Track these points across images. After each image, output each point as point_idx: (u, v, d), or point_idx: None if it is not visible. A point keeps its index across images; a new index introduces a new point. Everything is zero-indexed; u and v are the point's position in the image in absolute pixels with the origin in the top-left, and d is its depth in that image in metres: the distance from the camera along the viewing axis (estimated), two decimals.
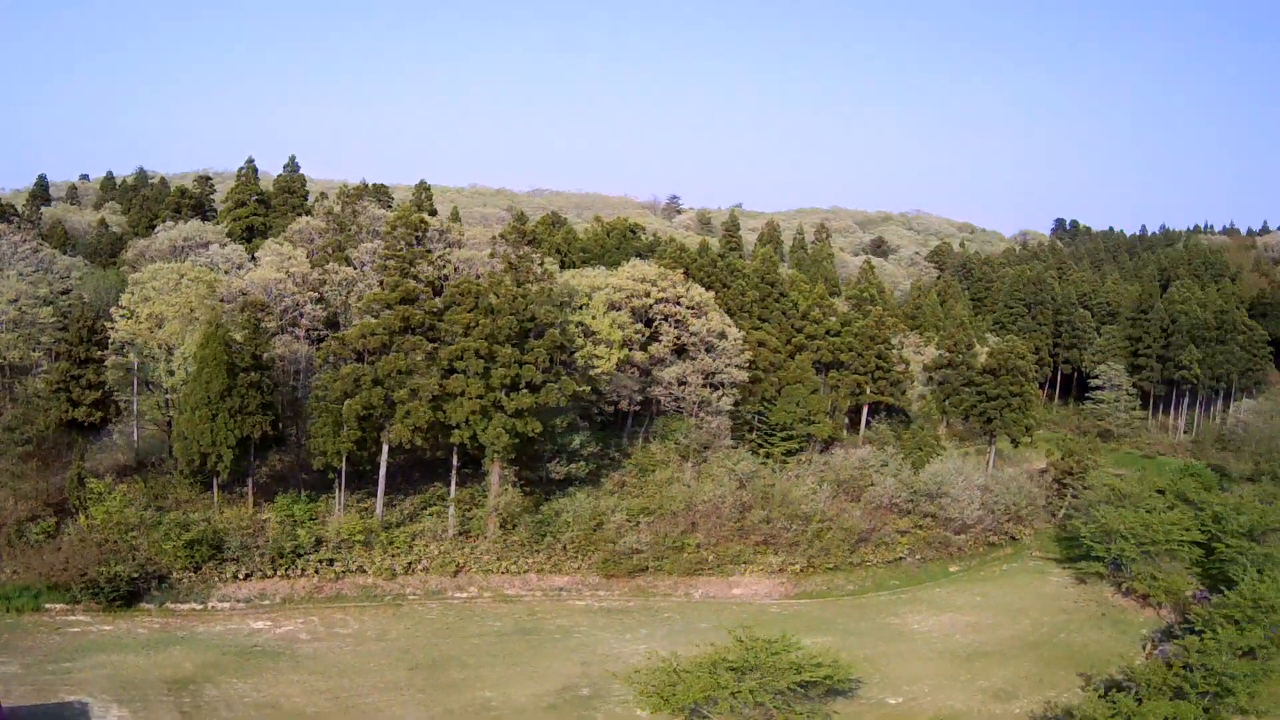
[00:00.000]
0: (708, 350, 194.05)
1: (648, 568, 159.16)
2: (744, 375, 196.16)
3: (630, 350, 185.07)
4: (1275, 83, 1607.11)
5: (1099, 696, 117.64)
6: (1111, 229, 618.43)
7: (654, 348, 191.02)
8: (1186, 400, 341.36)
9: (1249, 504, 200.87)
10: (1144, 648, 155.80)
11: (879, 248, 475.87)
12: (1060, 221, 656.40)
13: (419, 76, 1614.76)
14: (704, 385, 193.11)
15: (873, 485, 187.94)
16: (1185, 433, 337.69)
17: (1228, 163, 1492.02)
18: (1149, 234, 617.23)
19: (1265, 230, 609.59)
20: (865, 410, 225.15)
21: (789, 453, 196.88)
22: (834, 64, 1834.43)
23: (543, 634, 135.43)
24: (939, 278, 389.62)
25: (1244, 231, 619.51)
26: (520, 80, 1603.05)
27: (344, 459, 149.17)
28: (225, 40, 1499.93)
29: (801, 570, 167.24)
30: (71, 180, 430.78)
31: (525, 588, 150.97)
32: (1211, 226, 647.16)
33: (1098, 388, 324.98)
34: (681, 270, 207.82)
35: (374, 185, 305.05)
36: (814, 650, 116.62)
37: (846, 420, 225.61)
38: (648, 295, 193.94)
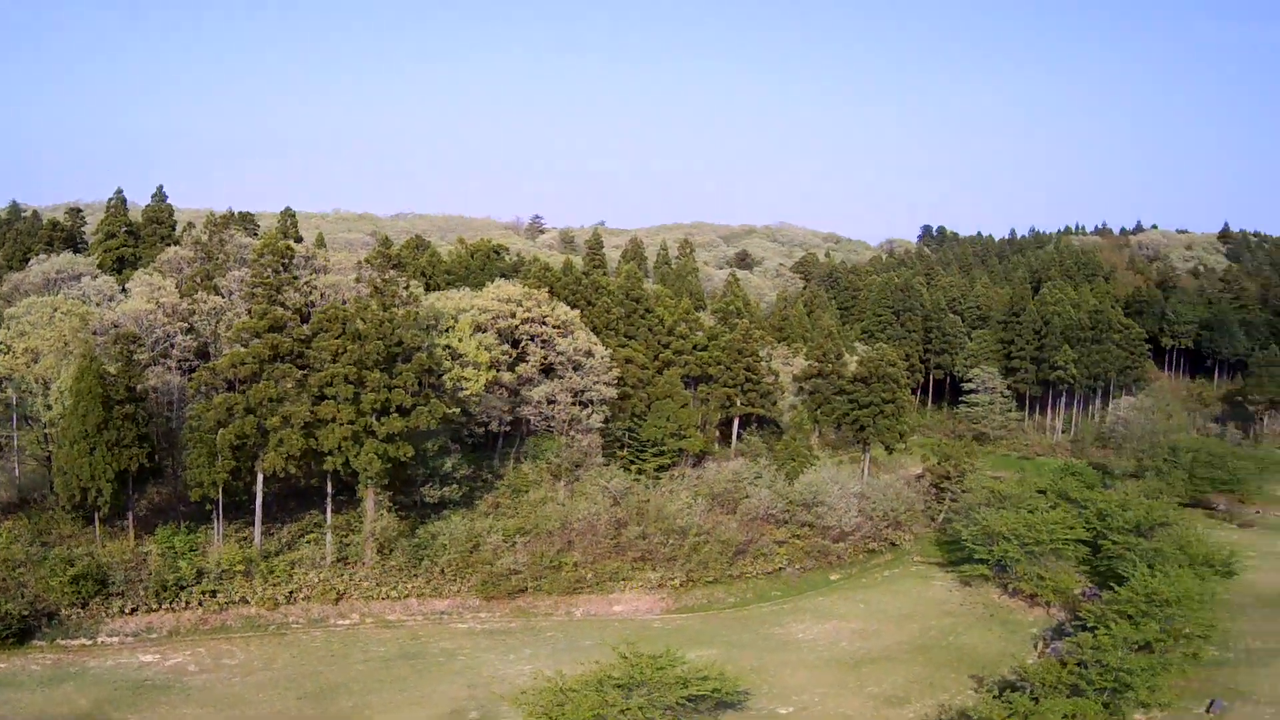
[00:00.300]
0: (575, 369, 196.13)
1: (527, 588, 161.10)
2: (613, 392, 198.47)
3: (498, 371, 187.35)
4: (1141, 84, 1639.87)
5: (994, 697, 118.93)
6: (980, 234, 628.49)
7: (521, 368, 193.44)
8: (1063, 400, 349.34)
9: (1134, 500, 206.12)
10: (1035, 647, 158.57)
11: (743, 261, 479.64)
12: (927, 228, 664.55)
13: (279, 103, 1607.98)
14: (573, 403, 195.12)
15: (747, 497, 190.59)
16: (1064, 432, 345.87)
17: (1097, 164, 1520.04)
18: (1019, 237, 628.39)
19: (1139, 229, 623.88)
20: (736, 423, 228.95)
21: (661, 468, 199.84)
22: (690, 80, 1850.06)
23: (427, 658, 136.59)
24: (805, 288, 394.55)
25: (1117, 231, 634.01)
26: (382, 102, 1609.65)
27: (220, 489, 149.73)
28: (90, 67, 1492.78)
29: (681, 585, 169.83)
30: None
31: (406, 612, 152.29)
32: (1083, 227, 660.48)
33: (971, 391, 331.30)
34: (546, 289, 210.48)
35: (240, 213, 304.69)
36: (699, 664, 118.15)
37: (718, 434, 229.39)
38: (513, 315, 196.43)
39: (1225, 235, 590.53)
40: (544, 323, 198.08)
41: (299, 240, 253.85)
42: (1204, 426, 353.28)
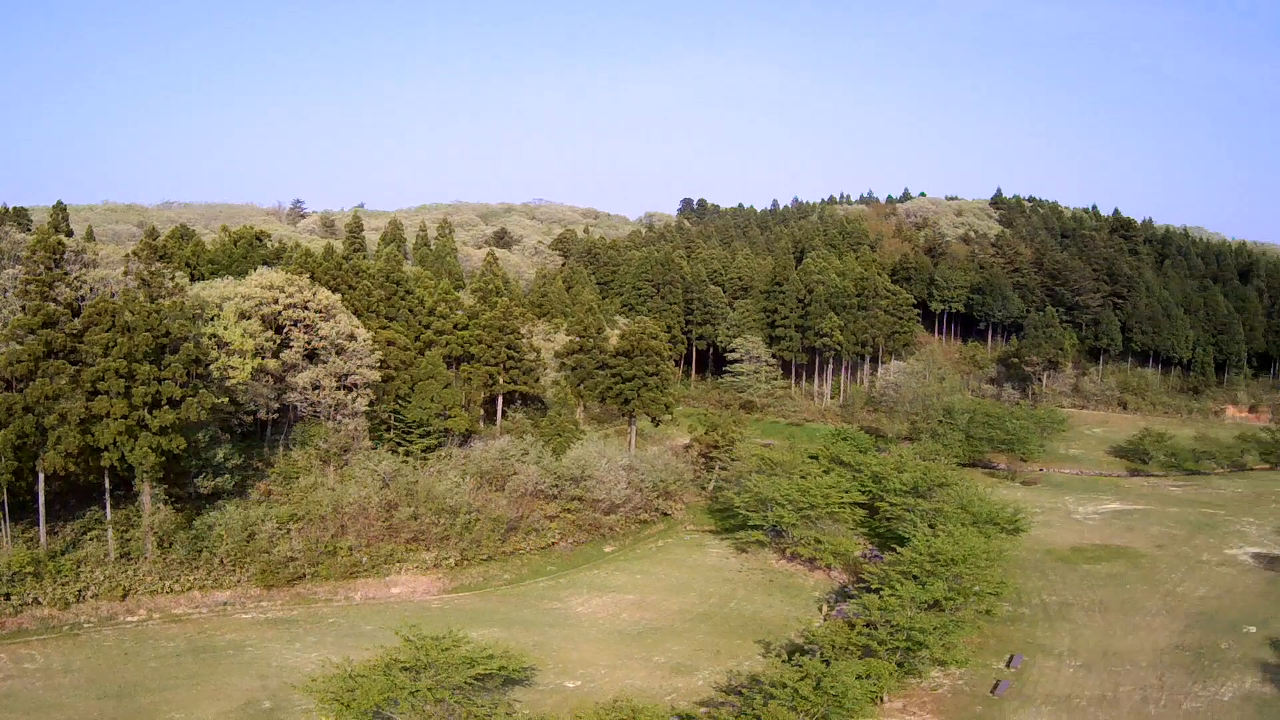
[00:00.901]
0: (339, 353, 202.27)
1: (305, 575, 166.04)
2: (376, 375, 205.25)
3: (263, 359, 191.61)
4: (905, 52, 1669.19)
5: (783, 662, 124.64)
6: (741, 205, 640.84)
7: (286, 354, 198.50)
8: (830, 367, 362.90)
9: (910, 462, 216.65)
10: (820, 610, 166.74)
11: (502, 239, 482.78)
12: (688, 201, 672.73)
13: (51, 93, 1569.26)
14: (338, 388, 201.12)
15: (515, 474, 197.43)
16: (832, 398, 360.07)
17: (864, 135, 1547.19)
18: (782, 208, 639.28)
19: (906, 197, 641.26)
20: (500, 400, 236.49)
21: (429, 449, 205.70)
22: (447, 58, 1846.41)
23: (216, 651, 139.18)
24: (564, 265, 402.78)
25: (884, 200, 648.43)
26: (146, 90, 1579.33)
27: (4, 490, 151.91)
28: None
29: (456, 564, 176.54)
30: None
31: (191, 605, 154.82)
32: (849, 196, 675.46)
33: (736, 361, 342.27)
34: (307, 275, 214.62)
35: (14, 209, 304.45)
36: (483, 643, 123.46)
37: (483, 412, 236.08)
38: (276, 302, 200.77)
39: (998, 201, 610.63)
40: (306, 308, 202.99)
41: (70, 234, 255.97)
42: (979, 389, 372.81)
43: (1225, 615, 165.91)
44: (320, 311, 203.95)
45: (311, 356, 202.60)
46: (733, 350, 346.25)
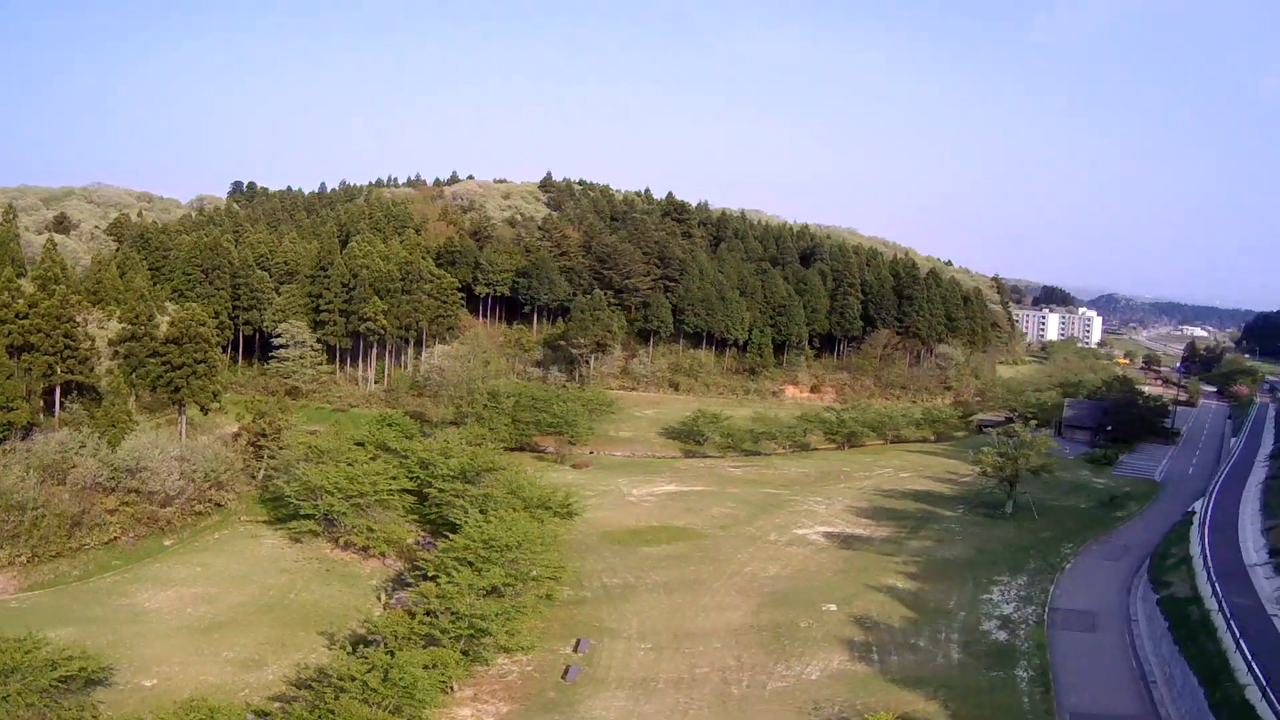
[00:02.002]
0: None
1: None
2: None
3: None
4: (452, 40, 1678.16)
5: (348, 654, 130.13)
6: (290, 188, 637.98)
7: None
8: (375, 351, 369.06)
9: (456, 447, 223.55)
10: (379, 599, 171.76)
11: (61, 224, 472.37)
12: (238, 184, 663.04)
13: None
14: None
15: (75, 467, 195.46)
16: (377, 383, 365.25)
17: (410, 116, 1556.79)
18: (330, 191, 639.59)
19: (454, 180, 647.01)
20: (59, 391, 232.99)
21: None
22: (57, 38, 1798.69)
23: None
24: (118, 250, 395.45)
25: (431, 183, 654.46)
26: None
27: None
28: None
29: (28, 561, 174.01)
30: None
31: None
32: (396, 179, 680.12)
33: (281, 347, 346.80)
34: None
35: None
36: (62, 643, 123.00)
37: (43, 404, 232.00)
38: None
39: (546, 184, 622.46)
40: None
41: None
42: (525, 372, 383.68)
43: (802, 594, 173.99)
44: None
45: None
46: (278, 335, 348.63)
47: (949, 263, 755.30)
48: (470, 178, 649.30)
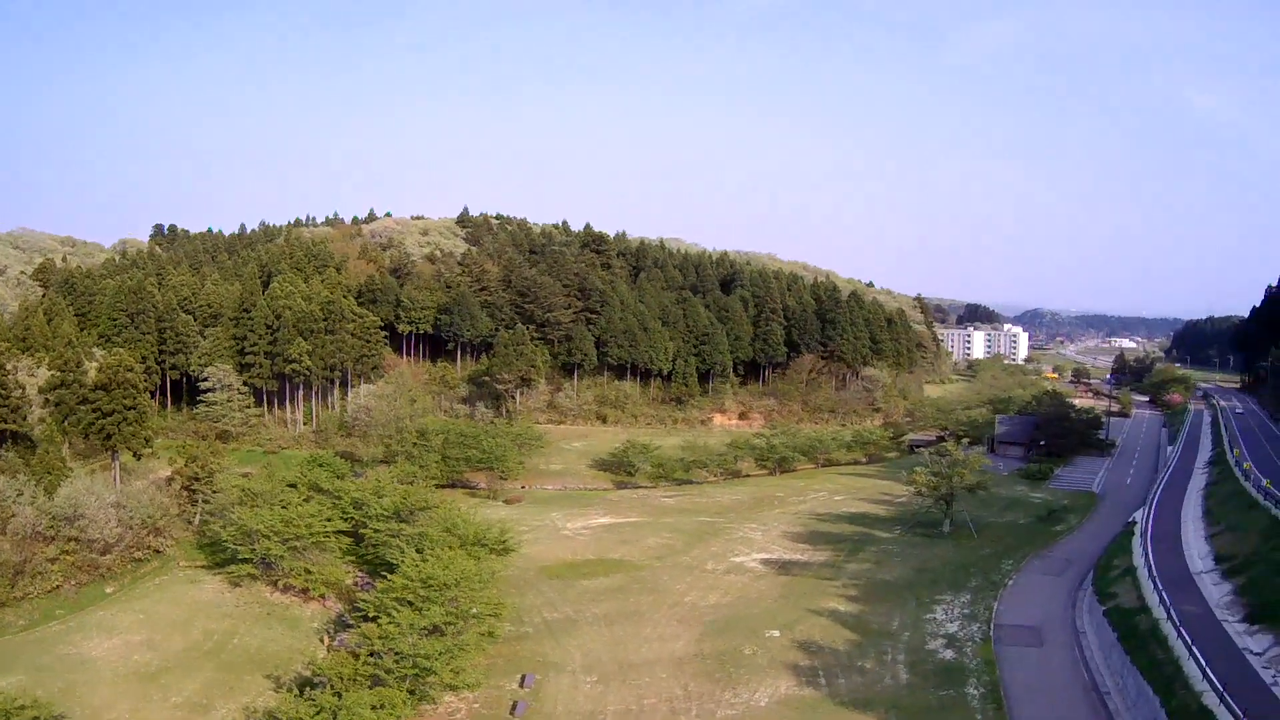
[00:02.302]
0: None
1: None
2: None
3: None
4: (362, 77, 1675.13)
5: (295, 696, 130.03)
6: (210, 229, 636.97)
7: None
8: (301, 392, 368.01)
9: (389, 486, 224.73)
10: (322, 641, 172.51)
11: None
12: (159, 227, 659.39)
13: None
14: None
15: (14, 516, 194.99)
16: (305, 424, 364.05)
17: (321, 155, 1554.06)
18: (249, 231, 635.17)
19: (372, 217, 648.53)
20: None
21: None
22: None
23: None
24: (44, 296, 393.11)
25: (349, 220, 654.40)
26: None
27: None
28: None
29: None
30: None
31: None
32: (314, 219, 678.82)
33: (209, 390, 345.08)
34: None
35: None
36: (12, 692, 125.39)
37: None
38: None
39: (464, 220, 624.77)
40: None
41: None
42: (451, 409, 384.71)
43: (743, 622, 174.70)
44: None
45: None
46: (205, 379, 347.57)
47: (870, 284, 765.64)
48: (388, 215, 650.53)
